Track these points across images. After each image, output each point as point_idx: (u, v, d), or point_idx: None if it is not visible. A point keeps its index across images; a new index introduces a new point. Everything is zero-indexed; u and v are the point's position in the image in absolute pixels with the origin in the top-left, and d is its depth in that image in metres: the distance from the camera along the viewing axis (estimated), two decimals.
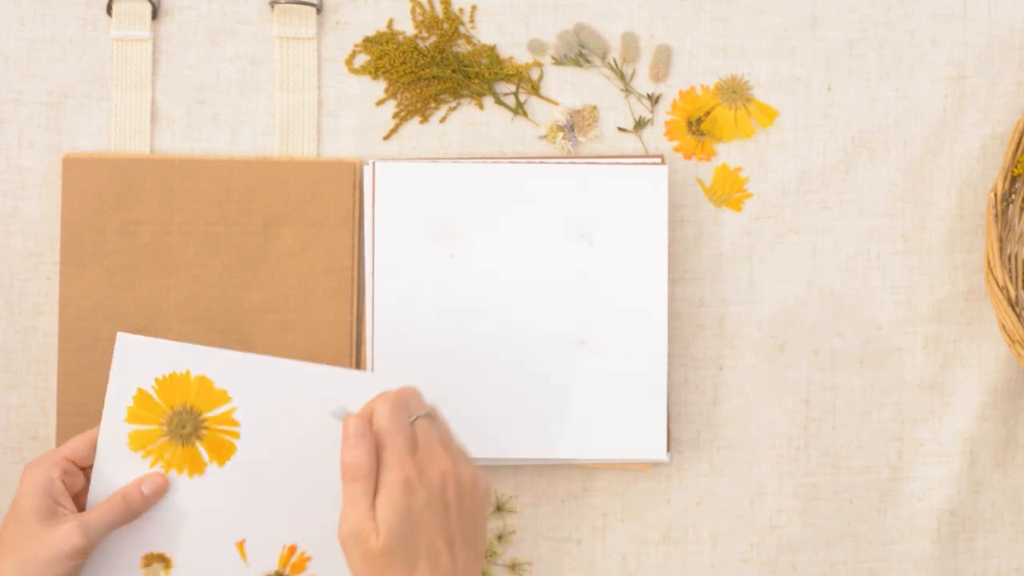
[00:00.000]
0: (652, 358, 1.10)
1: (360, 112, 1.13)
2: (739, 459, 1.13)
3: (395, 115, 1.13)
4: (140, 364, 1.00)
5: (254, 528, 1.02)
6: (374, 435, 0.95)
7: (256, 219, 1.11)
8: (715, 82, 1.14)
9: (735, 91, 1.14)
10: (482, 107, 1.13)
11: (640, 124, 1.14)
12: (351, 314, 1.11)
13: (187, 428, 1.01)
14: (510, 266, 1.10)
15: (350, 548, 0.93)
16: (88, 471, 1.02)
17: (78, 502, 1.01)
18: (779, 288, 1.14)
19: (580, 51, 1.13)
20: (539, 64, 1.14)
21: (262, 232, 1.11)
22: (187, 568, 1.01)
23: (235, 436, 1.01)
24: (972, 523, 1.14)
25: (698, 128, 1.14)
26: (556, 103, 1.14)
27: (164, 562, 1.02)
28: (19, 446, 1.11)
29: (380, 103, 1.13)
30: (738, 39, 1.14)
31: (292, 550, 1.03)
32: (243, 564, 1.02)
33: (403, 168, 1.11)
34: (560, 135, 1.13)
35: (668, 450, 1.11)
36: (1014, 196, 1.12)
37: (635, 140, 1.14)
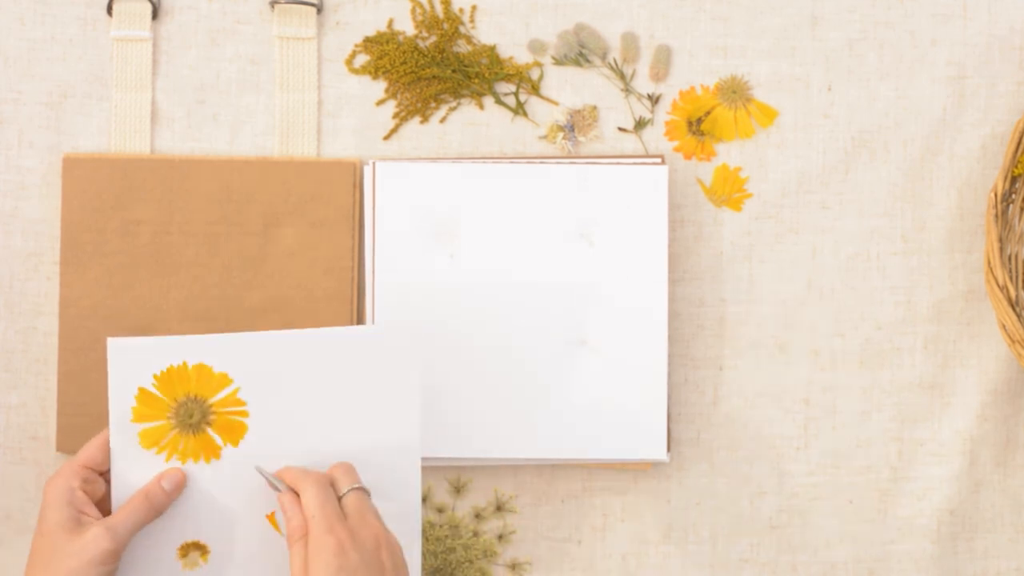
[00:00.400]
0: (652, 358, 1.10)
1: (360, 112, 1.13)
2: (739, 459, 1.13)
3: (395, 115, 1.13)
4: (136, 364, 1.00)
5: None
6: (303, 508, 0.97)
7: (256, 219, 1.11)
8: (715, 82, 1.14)
9: (735, 91, 1.14)
10: (482, 107, 1.13)
11: (640, 124, 1.14)
12: (351, 314, 1.11)
13: (195, 417, 1.01)
14: (510, 266, 1.10)
15: None
16: (107, 475, 1.02)
17: (102, 508, 1.01)
18: (779, 288, 1.14)
19: (580, 51, 1.13)
20: (539, 64, 1.14)
21: (262, 232, 1.11)
22: (224, 550, 1.02)
23: (244, 415, 1.01)
24: (972, 523, 1.14)
25: (698, 128, 1.14)
26: (556, 103, 1.14)
27: (200, 549, 1.02)
28: (19, 446, 1.11)
29: (380, 103, 1.13)
30: (738, 39, 1.14)
31: None
32: (278, 535, 1.02)
33: (403, 168, 1.11)
34: (560, 135, 1.13)
35: (668, 450, 1.11)
36: (1014, 196, 1.12)
37: (635, 140, 1.14)
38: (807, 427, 1.14)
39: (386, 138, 1.13)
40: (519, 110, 1.13)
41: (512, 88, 1.13)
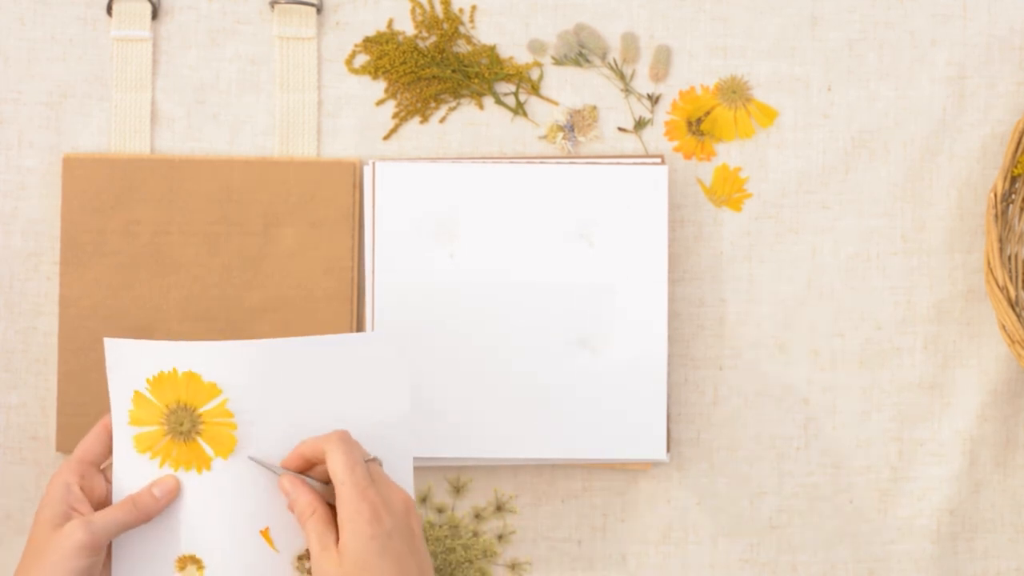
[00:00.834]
0: (652, 358, 1.10)
1: (360, 112, 1.13)
2: (739, 459, 1.13)
3: (395, 115, 1.13)
4: (131, 367, 1.00)
5: (274, 513, 1.01)
6: (330, 473, 0.96)
7: (256, 219, 1.11)
8: (715, 82, 1.14)
9: (735, 91, 1.14)
10: (482, 107, 1.13)
11: (640, 124, 1.14)
12: (351, 314, 1.11)
13: (185, 425, 1.00)
14: (510, 266, 1.10)
15: None
16: (107, 473, 1.01)
17: (103, 508, 1.00)
18: (779, 288, 1.14)
19: (580, 51, 1.13)
20: (539, 64, 1.14)
21: (262, 232, 1.11)
22: (220, 566, 1.01)
23: (232, 428, 1.00)
24: (972, 523, 1.14)
25: (698, 128, 1.14)
26: (556, 103, 1.14)
27: (197, 563, 1.01)
28: (19, 446, 1.11)
29: (380, 103, 1.13)
30: (738, 39, 1.14)
31: None
32: (273, 552, 1.01)
33: (403, 168, 1.11)
34: (560, 135, 1.13)
35: (668, 450, 1.11)
36: (1014, 196, 1.12)
37: (635, 140, 1.14)
38: (807, 427, 1.14)
39: (386, 138, 1.13)
40: (519, 110, 1.13)
41: (512, 88, 1.13)
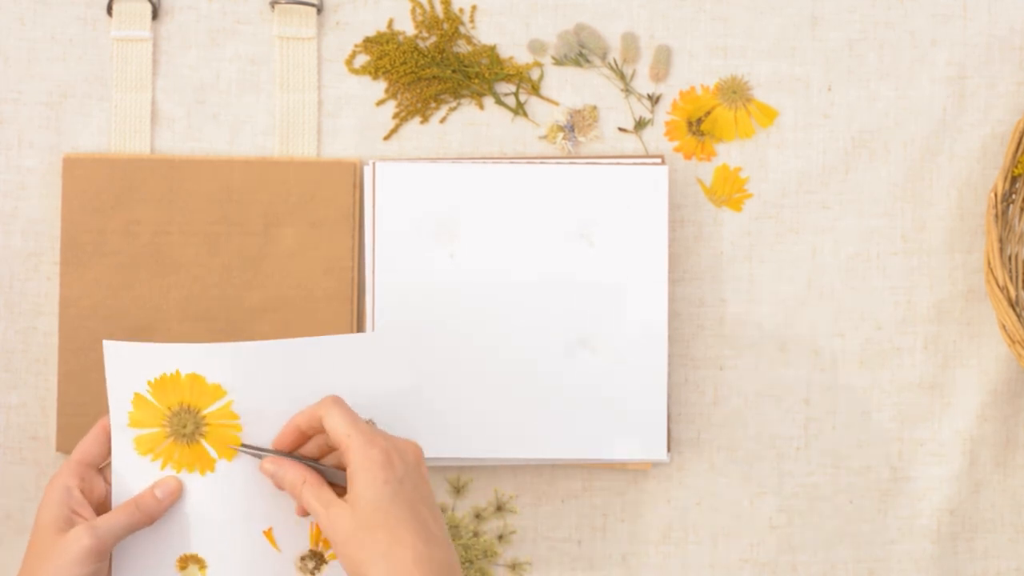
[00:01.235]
0: (652, 358, 1.10)
1: (360, 112, 1.13)
2: (739, 459, 1.13)
3: (395, 115, 1.13)
4: (131, 369, 0.99)
5: (277, 514, 1.01)
6: (332, 434, 0.96)
7: (256, 219, 1.11)
8: (715, 82, 1.14)
9: (735, 91, 1.14)
10: (482, 107, 1.13)
11: (640, 124, 1.14)
12: (351, 314, 1.11)
13: (188, 427, 1.00)
14: (510, 266, 1.10)
15: (339, 540, 0.93)
16: (106, 474, 1.01)
17: (103, 510, 1.00)
18: (779, 288, 1.14)
19: (580, 51, 1.13)
20: (539, 64, 1.14)
21: (262, 232, 1.11)
22: (222, 566, 1.01)
23: (237, 429, 1.00)
24: (972, 523, 1.14)
25: (698, 128, 1.14)
26: (556, 103, 1.14)
27: (199, 563, 1.01)
28: (19, 446, 1.11)
29: (380, 103, 1.13)
30: (738, 39, 1.14)
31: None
32: (276, 552, 1.01)
33: (403, 168, 1.11)
34: (560, 135, 1.13)
35: (668, 450, 1.11)
36: (1014, 196, 1.12)
37: (635, 140, 1.14)
38: (807, 427, 1.14)
39: (386, 138, 1.13)
40: (519, 110, 1.13)
41: (512, 88, 1.13)
